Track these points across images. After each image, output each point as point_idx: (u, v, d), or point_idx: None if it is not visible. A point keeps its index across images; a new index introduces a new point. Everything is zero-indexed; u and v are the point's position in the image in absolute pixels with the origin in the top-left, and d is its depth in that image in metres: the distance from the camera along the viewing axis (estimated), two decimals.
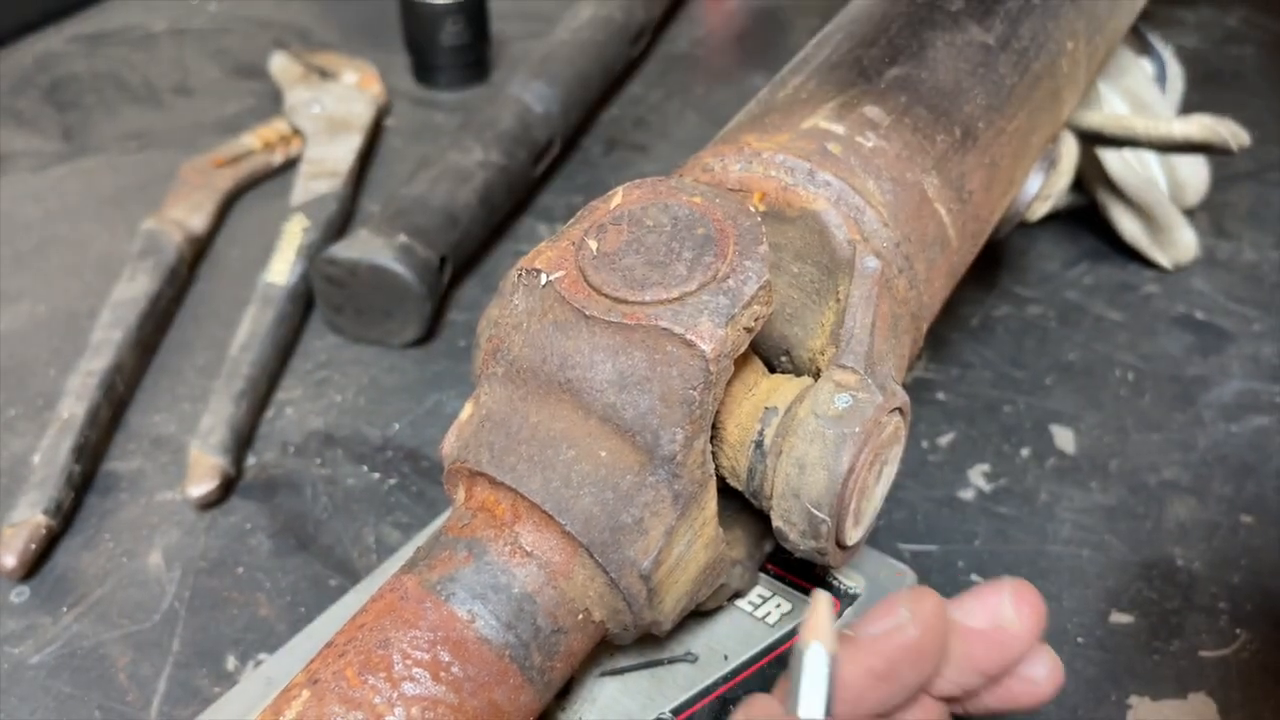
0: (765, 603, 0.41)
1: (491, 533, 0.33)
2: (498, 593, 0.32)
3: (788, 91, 0.42)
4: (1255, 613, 0.47)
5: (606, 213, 0.35)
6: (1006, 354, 0.60)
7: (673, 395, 0.32)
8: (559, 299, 0.33)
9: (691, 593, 0.35)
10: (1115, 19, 0.51)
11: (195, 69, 0.86)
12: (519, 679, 0.31)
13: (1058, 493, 0.52)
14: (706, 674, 0.39)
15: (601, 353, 0.32)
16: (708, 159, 0.40)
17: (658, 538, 0.32)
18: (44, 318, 0.62)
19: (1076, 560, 0.49)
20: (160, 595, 0.47)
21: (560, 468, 0.32)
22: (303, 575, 0.48)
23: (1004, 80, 0.44)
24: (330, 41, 0.90)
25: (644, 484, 0.32)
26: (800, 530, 0.34)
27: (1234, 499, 0.52)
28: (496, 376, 0.34)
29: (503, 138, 0.68)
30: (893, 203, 0.38)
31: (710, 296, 0.32)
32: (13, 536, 0.47)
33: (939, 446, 0.54)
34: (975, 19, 0.44)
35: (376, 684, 0.30)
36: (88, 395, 0.53)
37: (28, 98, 0.82)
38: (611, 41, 0.80)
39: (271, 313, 0.59)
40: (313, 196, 0.67)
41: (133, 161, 0.75)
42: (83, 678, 0.44)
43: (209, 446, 0.52)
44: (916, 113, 0.41)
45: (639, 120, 0.81)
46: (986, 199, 0.43)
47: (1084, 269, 0.66)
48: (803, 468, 0.34)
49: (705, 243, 0.33)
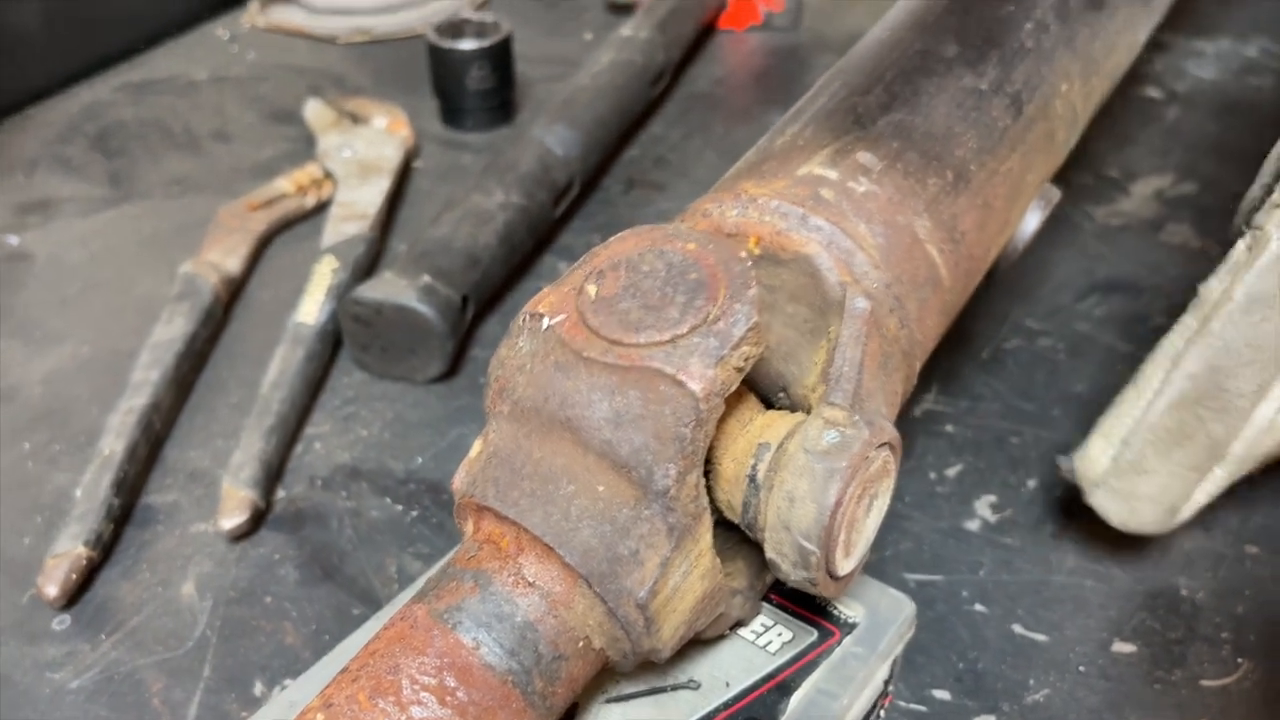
0: (767, 631, 0.42)
1: (496, 564, 0.34)
2: (501, 621, 0.33)
3: (785, 139, 0.44)
4: (1258, 642, 0.47)
5: (606, 258, 0.37)
6: (1016, 386, 0.61)
7: (666, 432, 0.33)
8: (559, 341, 0.35)
9: (690, 621, 0.36)
10: (1112, 59, 0.53)
11: (234, 115, 0.90)
12: (521, 703, 0.33)
13: (1063, 524, 0.53)
14: (708, 700, 0.40)
15: (599, 392, 0.34)
16: (708, 205, 0.42)
17: (653, 569, 0.34)
18: (87, 358, 0.65)
19: (1080, 590, 0.50)
20: (193, 623, 0.49)
21: (560, 502, 0.34)
22: (328, 604, 0.50)
23: (996, 123, 0.45)
24: (363, 87, 0.93)
25: (640, 517, 0.34)
26: (791, 561, 0.36)
27: (1240, 529, 0.52)
28: (502, 415, 0.36)
29: (524, 180, 0.70)
30: (884, 245, 0.40)
31: (701, 339, 0.34)
32: (55, 567, 0.50)
33: (946, 478, 0.55)
34: (969, 65, 0.46)
35: (386, 708, 0.32)
36: (127, 432, 0.56)
37: (76, 145, 0.86)
38: (631, 84, 0.82)
39: (301, 351, 0.61)
40: (342, 238, 0.69)
41: (174, 206, 0.79)
42: (119, 703, 0.46)
43: (240, 481, 0.54)
44: (909, 158, 0.42)
45: (659, 159, 0.83)
46: (980, 238, 0.44)
47: (1095, 300, 0.67)
48: (792, 501, 0.35)
49: (697, 287, 0.35)
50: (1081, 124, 0.51)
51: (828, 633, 0.42)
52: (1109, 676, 0.46)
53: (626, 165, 0.82)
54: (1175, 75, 0.91)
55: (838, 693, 0.40)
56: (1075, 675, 0.46)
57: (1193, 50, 0.95)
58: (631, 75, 0.83)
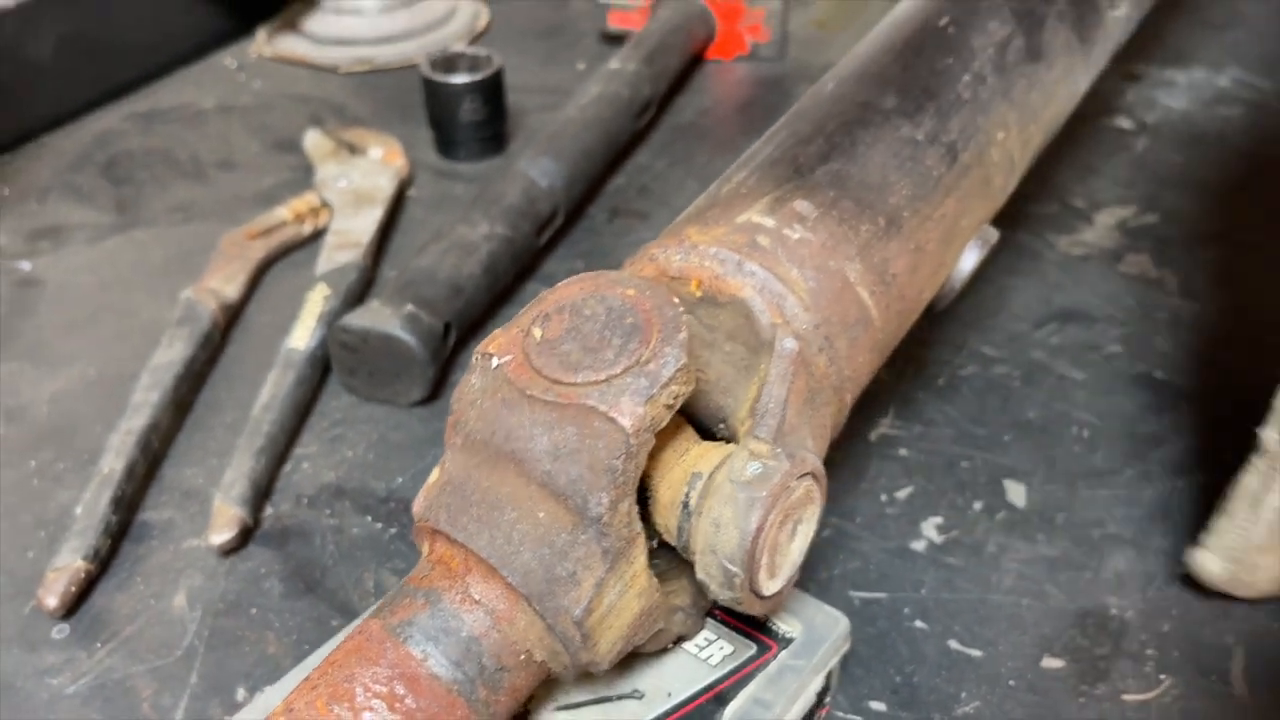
0: (709, 645, 0.45)
1: (446, 583, 0.38)
2: (448, 635, 0.37)
3: (730, 186, 0.47)
4: (1181, 659, 0.50)
5: (552, 303, 0.40)
6: (969, 412, 0.64)
7: (599, 464, 0.37)
8: (506, 380, 0.38)
9: (628, 637, 0.40)
10: (1050, 108, 0.56)
11: (238, 144, 0.94)
12: (465, 710, 0.36)
13: (1005, 544, 0.56)
14: (651, 709, 0.43)
15: (539, 427, 0.37)
16: (654, 250, 0.45)
17: (589, 588, 0.37)
18: (93, 379, 0.69)
19: (1016, 608, 0.53)
20: (182, 633, 0.53)
21: (504, 527, 0.37)
22: (308, 616, 0.54)
23: (931, 171, 0.48)
24: (362, 117, 0.97)
25: (576, 541, 0.37)
26: (719, 582, 0.39)
27: (1173, 552, 0.55)
28: (456, 446, 0.40)
29: (508, 211, 0.74)
30: (815, 289, 0.43)
31: (633, 379, 0.37)
32: (55, 580, 0.53)
33: (897, 500, 0.58)
34: (906, 116, 0.49)
35: (341, 713, 0.35)
36: (126, 452, 0.60)
37: (86, 173, 0.90)
38: (617, 117, 0.86)
39: (292, 375, 0.65)
40: (335, 266, 0.73)
41: (178, 233, 0.83)
42: (111, 707, 0.50)
43: (231, 498, 0.58)
44: (843, 205, 0.46)
45: (642, 189, 0.86)
46: (913, 280, 0.47)
47: (1052, 329, 0.70)
48: (718, 527, 0.38)
49: (633, 331, 0.38)
50: (1020, 170, 0.55)
51: (765, 647, 0.45)
52: (1036, 690, 0.49)
53: (612, 194, 0.86)
54: (1146, 106, 0.94)
55: (772, 702, 0.43)
56: (1005, 689, 0.49)
57: (1165, 80, 0.97)
58: (617, 108, 0.86)
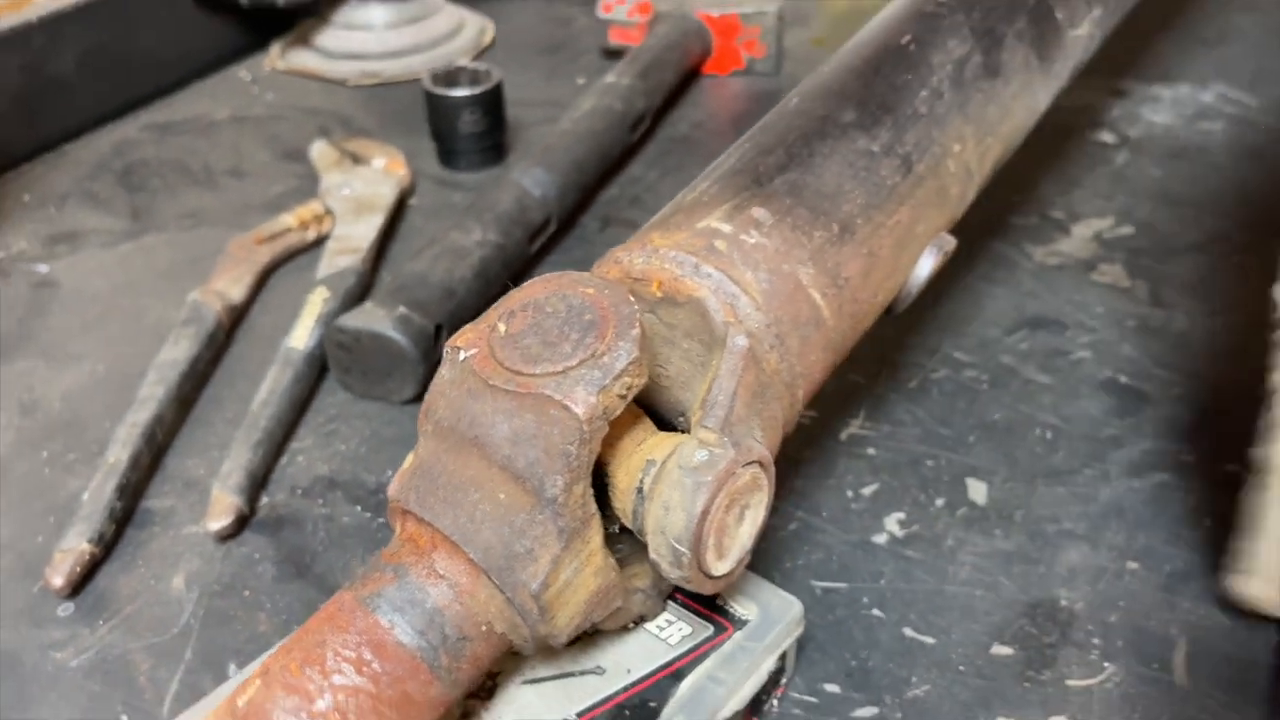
0: (670, 626, 0.48)
1: (414, 559, 0.41)
2: (414, 606, 0.40)
3: (694, 195, 0.50)
4: (1125, 648, 0.53)
5: (518, 300, 0.43)
6: (937, 413, 0.66)
7: (554, 449, 0.39)
8: (471, 371, 0.41)
9: (585, 613, 0.42)
10: (1009, 122, 0.58)
11: (248, 153, 0.97)
12: (428, 675, 0.39)
13: (963, 539, 0.58)
14: (611, 684, 0.46)
15: (500, 415, 0.40)
16: (619, 253, 0.48)
17: (545, 564, 0.40)
18: (103, 376, 0.72)
19: (970, 599, 0.55)
20: (179, 613, 0.56)
21: (468, 507, 0.40)
22: (298, 598, 0.57)
23: (885, 181, 0.51)
24: (369, 128, 1.00)
25: (534, 520, 0.40)
26: (669, 561, 0.42)
27: (1125, 547, 0.58)
28: (427, 433, 0.43)
29: (501, 219, 0.77)
30: (768, 290, 0.46)
31: (587, 370, 0.40)
32: (62, 561, 0.57)
33: (862, 496, 0.61)
34: (863, 129, 0.52)
35: (312, 675, 0.38)
36: (131, 443, 0.63)
37: (103, 181, 0.94)
38: (611, 130, 0.89)
39: (290, 373, 0.68)
40: (335, 270, 0.76)
41: (188, 238, 0.86)
42: (111, 679, 0.53)
43: (228, 488, 0.61)
44: (798, 212, 0.48)
45: (634, 199, 0.89)
46: (865, 283, 0.50)
47: (1022, 335, 0.72)
48: (667, 509, 0.41)
49: (590, 326, 0.41)
50: (979, 180, 0.57)
51: (722, 628, 0.48)
52: (984, 675, 0.52)
53: (604, 204, 0.89)
54: (1130, 121, 0.96)
55: (725, 679, 0.46)
56: (954, 674, 0.52)
57: (1150, 96, 1.00)
58: (611, 121, 0.89)
